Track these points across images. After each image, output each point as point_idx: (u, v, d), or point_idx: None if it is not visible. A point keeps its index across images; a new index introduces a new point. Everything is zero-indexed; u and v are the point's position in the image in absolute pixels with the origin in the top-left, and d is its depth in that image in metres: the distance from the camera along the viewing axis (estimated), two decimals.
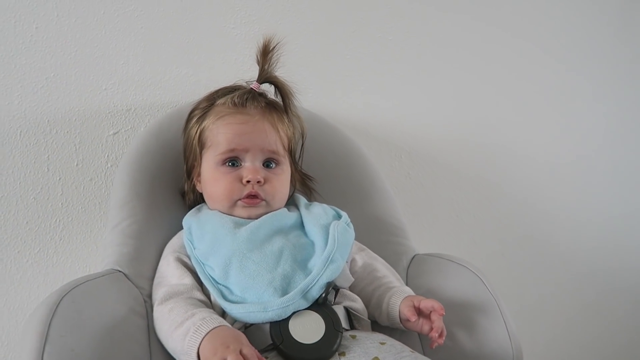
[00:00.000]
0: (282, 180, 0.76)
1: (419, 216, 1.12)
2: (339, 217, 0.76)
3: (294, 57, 1.03)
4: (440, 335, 0.67)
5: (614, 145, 1.32)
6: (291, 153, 0.81)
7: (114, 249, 0.72)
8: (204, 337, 0.59)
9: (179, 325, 0.62)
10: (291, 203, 0.81)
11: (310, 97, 1.04)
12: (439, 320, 0.67)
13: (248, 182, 0.73)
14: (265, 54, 0.77)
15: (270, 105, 0.78)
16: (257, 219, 0.74)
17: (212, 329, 0.59)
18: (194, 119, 0.78)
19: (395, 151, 1.12)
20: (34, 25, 0.89)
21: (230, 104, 0.76)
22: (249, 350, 0.58)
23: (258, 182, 0.73)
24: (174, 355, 0.64)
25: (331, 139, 0.94)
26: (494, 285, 0.74)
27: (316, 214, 0.76)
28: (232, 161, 0.74)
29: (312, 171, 0.87)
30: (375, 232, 0.85)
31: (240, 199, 0.73)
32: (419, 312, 0.68)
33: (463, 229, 1.18)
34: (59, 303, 0.58)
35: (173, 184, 0.81)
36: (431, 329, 0.67)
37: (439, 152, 1.14)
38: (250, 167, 0.73)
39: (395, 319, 0.71)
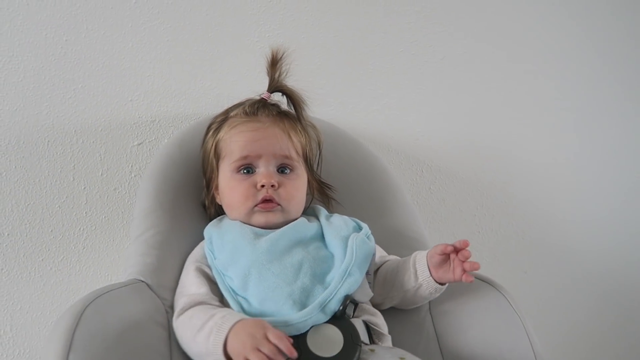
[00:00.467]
0: (297, 185, 0.77)
1: (440, 231, 1.11)
2: (360, 228, 0.75)
3: (317, 70, 1.05)
4: (470, 268, 0.66)
5: None
6: (307, 161, 0.81)
7: (137, 259, 0.72)
8: (228, 333, 0.59)
9: (201, 329, 0.62)
10: (311, 214, 0.81)
11: (332, 110, 1.05)
12: (468, 251, 0.66)
13: (262, 186, 0.73)
14: (274, 64, 0.79)
15: (282, 114, 0.79)
16: (275, 226, 0.74)
17: (234, 324, 0.60)
18: (210, 132, 0.80)
19: (417, 165, 1.11)
20: (64, 38, 0.91)
21: (242, 114, 0.78)
22: (274, 333, 0.58)
23: (272, 186, 0.73)
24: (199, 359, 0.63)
25: (353, 152, 0.94)
26: (519, 304, 0.72)
27: (336, 226, 0.75)
28: (247, 168, 0.75)
29: (334, 184, 0.86)
30: (396, 246, 0.84)
31: (256, 205, 0.74)
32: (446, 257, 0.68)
33: (485, 246, 1.16)
34: (83, 312, 0.59)
35: (196, 195, 0.82)
36: (462, 270, 0.66)
37: (461, 167, 1.13)
38: (264, 172, 0.74)
39: (424, 272, 0.70)
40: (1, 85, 0.88)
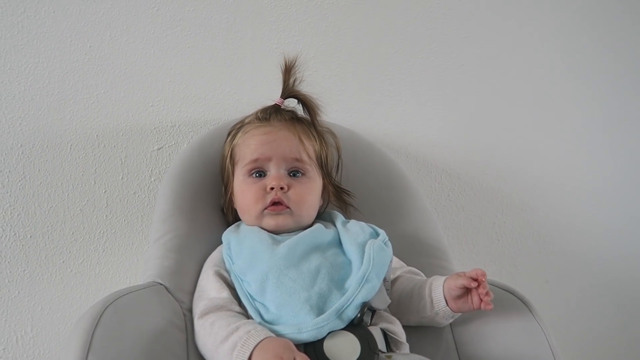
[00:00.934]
0: (308, 189, 0.76)
1: (459, 239, 1.10)
2: (377, 235, 0.75)
3: (335, 77, 1.05)
4: (487, 297, 0.65)
5: None
6: (322, 165, 0.81)
7: (155, 262, 0.73)
8: (253, 350, 0.58)
9: (224, 340, 0.61)
10: (328, 219, 0.81)
11: (350, 117, 1.05)
12: (484, 284, 0.65)
13: (272, 189, 0.74)
14: (288, 70, 0.80)
15: (294, 119, 0.80)
16: (287, 230, 0.74)
17: (260, 341, 0.59)
18: (228, 139, 0.82)
19: (435, 172, 1.10)
20: (88, 45, 0.93)
21: (255, 120, 0.79)
22: (302, 357, 0.57)
23: (281, 188, 0.74)
24: None
25: (371, 158, 0.94)
26: (541, 314, 0.71)
27: (353, 232, 0.75)
28: (258, 172, 0.76)
29: (352, 190, 0.86)
30: (415, 253, 0.83)
31: (266, 208, 0.74)
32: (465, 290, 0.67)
33: (504, 253, 1.14)
34: (102, 313, 0.59)
35: (214, 199, 0.82)
36: (480, 300, 0.65)
37: (481, 174, 1.12)
38: (274, 174, 0.75)
39: (440, 302, 0.69)
40: (27, 90, 0.90)
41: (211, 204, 0.81)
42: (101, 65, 0.94)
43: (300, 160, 0.76)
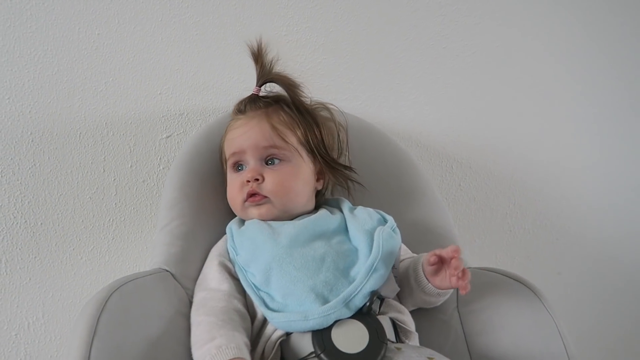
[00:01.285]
0: (287, 175, 0.74)
1: (470, 230, 1.09)
2: (385, 221, 0.74)
3: (345, 64, 1.04)
4: (463, 277, 0.63)
5: None
6: (313, 147, 0.77)
7: (162, 249, 0.73)
8: None
9: (200, 347, 0.61)
10: (334, 206, 0.80)
11: (361, 105, 1.04)
12: (457, 261, 0.63)
13: (248, 181, 0.73)
14: (256, 57, 0.78)
15: (272, 105, 0.78)
16: (277, 218, 0.73)
17: None
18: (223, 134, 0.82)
19: (447, 161, 1.09)
20: (96, 32, 0.93)
21: (234, 113, 0.80)
22: None
23: (256, 180, 0.73)
24: None
25: (381, 147, 0.93)
26: (553, 305, 0.70)
27: (361, 219, 0.74)
28: (239, 165, 0.76)
29: (362, 179, 0.85)
30: (425, 242, 0.81)
31: (246, 200, 0.74)
32: (441, 260, 0.66)
33: (516, 244, 1.13)
34: (108, 299, 0.59)
35: (222, 188, 0.82)
36: (457, 278, 0.63)
37: (493, 164, 1.10)
38: (250, 167, 0.75)
39: (422, 280, 0.68)
40: (36, 79, 0.90)
41: (218, 192, 0.81)
42: (109, 53, 0.93)
43: (275, 147, 0.74)
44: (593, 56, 1.16)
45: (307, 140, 0.76)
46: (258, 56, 0.78)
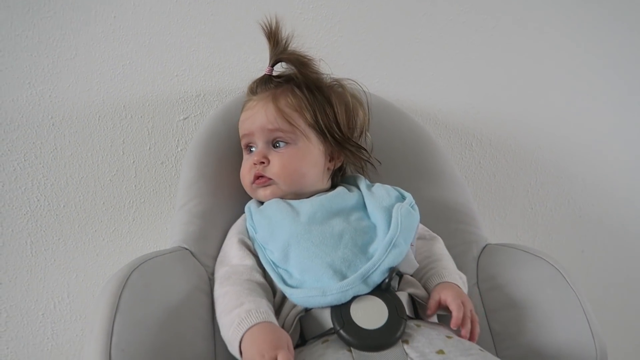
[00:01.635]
0: (293, 158, 0.74)
1: (490, 207, 1.07)
2: (403, 198, 0.73)
3: (362, 42, 1.02)
4: (471, 336, 0.63)
5: None
6: (322, 128, 0.75)
7: (181, 228, 0.74)
8: (244, 333, 0.58)
9: (229, 313, 0.61)
10: (352, 183, 0.79)
11: (378, 83, 1.03)
12: (458, 313, 0.63)
13: (254, 164, 0.74)
14: (269, 35, 0.77)
15: (282, 85, 0.76)
16: (286, 198, 0.73)
17: (253, 325, 0.58)
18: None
19: (466, 139, 1.07)
20: (112, 15, 0.93)
21: (246, 94, 0.80)
22: (285, 356, 0.55)
23: (262, 162, 0.73)
24: (225, 341, 0.63)
25: (400, 125, 0.92)
26: (575, 280, 0.68)
27: (378, 196, 0.73)
28: (250, 147, 0.77)
29: (380, 157, 0.84)
30: (443, 219, 0.81)
31: (253, 182, 0.75)
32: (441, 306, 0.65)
33: (538, 222, 1.11)
34: (129, 276, 0.60)
35: (239, 167, 0.82)
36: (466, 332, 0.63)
37: (514, 141, 1.08)
38: (258, 149, 0.75)
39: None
40: (55, 63, 0.91)
41: (235, 171, 0.81)
42: (126, 35, 0.94)
43: (281, 130, 0.73)
44: (618, 30, 1.12)
45: (317, 122, 0.75)
46: (270, 35, 0.76)
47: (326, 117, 0.76)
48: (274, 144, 0.75)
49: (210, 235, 0.74)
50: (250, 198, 0.78)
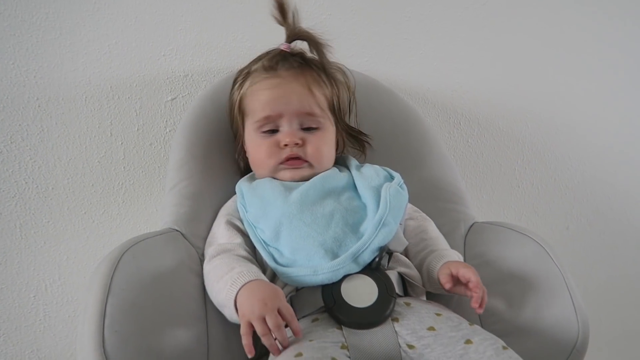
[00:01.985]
0: (323, 140, 0.75)
1: (477, 186, 1.08)
2: (392, 178, 0.74)
3: (351, 20, 1.01)
4: (480, 306, 0.63)
5: None
6: (334, 111, 0.78)
7: (171, 209, 0.74)
8: (239, 290, 0.59)
9: (220, 279, 0.63)
10: (342, 164, 0.80)
11: (367, 61, 1.02)
12: (478, 291, 0.63)
13: (286, 145, 0.72)
14: (283, 11, 0.75)
15: (304, 65, 0.76)
16: (303, 179, 0.73)
17: (248, 282, 0.60)
18: (235, 87, 0.79)
19: (455, 117, 1.07)
20: None
21: (262, 69, 0.75)
22: (287, 308, 0.58)
23: (297, 144, 0.72)
24: (220, 309, 0.65)
25: (388, 103, 0.92)
26: (559, 256, 0.70)
27: (368, 176, 0.74)
28: (270, 127, 0.74)
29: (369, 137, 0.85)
30: (432, 198, 0.82)
31: (281, 163, 0.73)
32: (457, 280, 0.66)
33: (524, 200, 1.12)
34: (120, 258, 0.61)
35: (228, 148, 0.82)
36: (472, 296, 0.64)
37: (502, 120, 1.08)
38: (287, 131, 0.73)
39: (435, 283, 0.69)
40: (39, 43, 0.89)
41: (225, 152, 0.81)
42: (111, 14, 0.92)
43: (312, 114, 0.74)
44: (607, 7, 1.12)
45: (333, 105, 0.77)
46: (285, 10, 0.75)
47: (338, 101, 0.77)
48: (305, 127, 0.74)
49: (201, 217, 0.75)
50: (239, 177, 0.78)
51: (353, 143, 0.83)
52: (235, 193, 0.76)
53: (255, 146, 0.75)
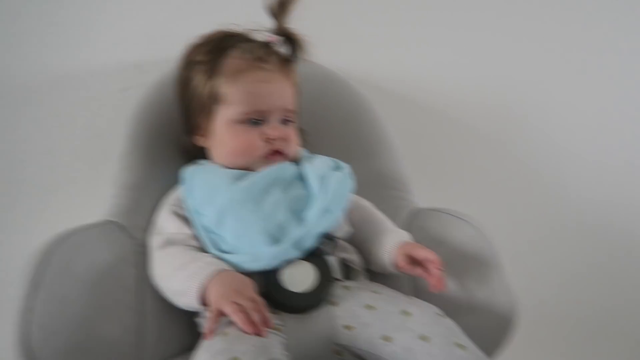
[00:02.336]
0: (295, 134, 0.77)
1: (429, 174, 1.08)
2: (339, 168, 0.75)
3: (303, 6, 1.00)
4: (440, 284, 0.65)
5: None
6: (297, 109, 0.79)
7: (110, 201, 0.74)
8: (211, 279, 0.60)
9: (183, 268, 0.63)
10: None
11: (319, 50, 1.01)
12: (437, 271, 0.65)
13: (270, 139, 0.72)
14: (283, 5, 0.74)
15: (286, 61, 0.76)
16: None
17: (222, 271, 0.61)
18: (201, 71, 0.74)
19: (410, 107, 1.08)
20: None
21: (248, 58, 0.72)
22: (258, 298, 0.59)
23: (283, 139, 0.73)
24: (171, 297, 0.65)
25: (340, 93, 0.93)
26: (496, 239, 0.73)
27: (315, 166, 0.75)
28: (254, 119, 0.72)
29: (320, 126, 0.86)
30: (377, 186, 0.84)
31: (262, 155, 0.73)
32: (412, 260, 0.67)
33: (467, 187, 1.12)
34: (51, 251, 0.60)
35: (175, 139, 0.81)
36: (427, 274, 0.66)
37: (451, 109, 1.09)
38: (275, 125, 0.73)
39: (384, 265, 0.70)
40: None
41: (171, 143, 0.80)
42: (57, 2, 0.90)
43: (292, 111, 0.75)
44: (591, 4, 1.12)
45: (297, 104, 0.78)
46: (286, 5, 0.74)
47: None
48: (283, 121, 0.74)
49: (143, 208, 0.74)
50: (183, 164, 0.77)
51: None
52: (179, 182, 0.76)
53: (233, 136, 0.72)
